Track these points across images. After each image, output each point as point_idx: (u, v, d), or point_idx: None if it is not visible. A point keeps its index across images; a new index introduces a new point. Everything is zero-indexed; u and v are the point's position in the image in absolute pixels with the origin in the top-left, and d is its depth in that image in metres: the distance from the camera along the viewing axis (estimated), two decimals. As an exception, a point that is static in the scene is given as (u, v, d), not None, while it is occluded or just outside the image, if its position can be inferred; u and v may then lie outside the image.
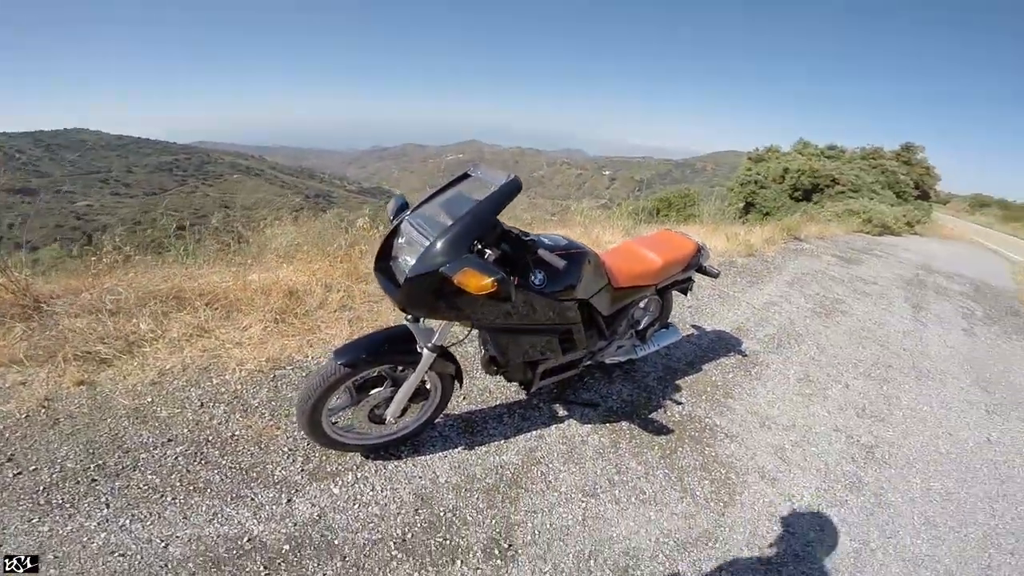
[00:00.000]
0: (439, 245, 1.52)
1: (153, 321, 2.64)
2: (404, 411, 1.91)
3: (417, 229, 1.68)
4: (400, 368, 1.85)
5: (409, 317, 1.82)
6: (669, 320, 2.99)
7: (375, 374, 1.84)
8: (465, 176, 1.89)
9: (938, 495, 2.48)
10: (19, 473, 1.74)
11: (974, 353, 4.65)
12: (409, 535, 1.71)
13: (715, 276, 2.96)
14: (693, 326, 3.88)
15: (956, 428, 3.15)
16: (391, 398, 1.85)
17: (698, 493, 2.16)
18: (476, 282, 1.43)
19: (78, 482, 1.72)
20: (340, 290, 3.29)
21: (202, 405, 2.15)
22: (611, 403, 2.65)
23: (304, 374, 2.45)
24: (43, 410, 2.01)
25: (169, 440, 1.93)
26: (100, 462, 1.81)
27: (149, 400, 2.13)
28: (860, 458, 2.64)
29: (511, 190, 1.62)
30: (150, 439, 1.93)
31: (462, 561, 1.67)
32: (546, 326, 1.94)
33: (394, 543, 1.68)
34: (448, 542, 1.72)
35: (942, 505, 2.41)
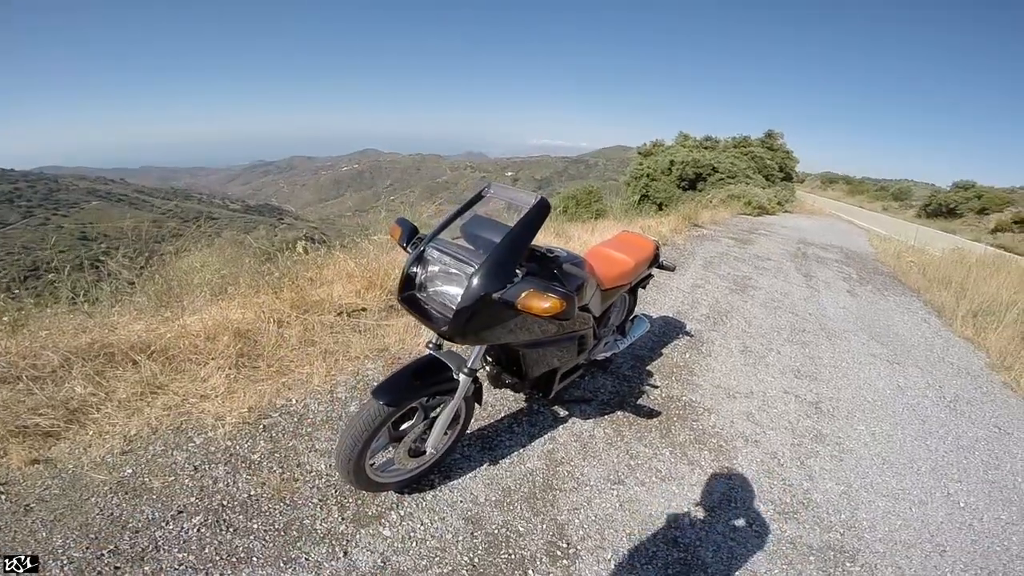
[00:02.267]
0: (485, 272, 1.51)
1: (90, 383, 2.29)
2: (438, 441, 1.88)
3: (451, 256, 1.66)
4: (428, 399, 1.82)
5: (432, 345, 1.80)
6: (635, 314, 3.23)
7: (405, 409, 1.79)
8: (479, 197, 1.89)
9: (882, 438, 2.94)
10: (30, 570, 1.46)
11: (861, 311, 5.52)
12: (476, 559, 1.71)
13: (672, 270, 3.25)
14: (643, 315, 4.19)
15: (871, 379, 3.74)
16: (426, 430, 1.82)
17: (703, 463, 2.40)
18: (540, 304, 1.44)
19: (100, 572, 1.48)
20: (294, 324, 3.06)
21: (196, 469, 1.92)
22: (601, 396, 2.81)
23: (295, 419, 2.28)
24: (2, 496, 1.69)
25: (180, 512, 1.72)
26: (112, 547, 1.56)
27: (130, 472, 1.87)
28: (812, 414, 3.06)
29: (541, 211, 1.65)
30: (156, 514, 1.70)
31: (532, 569, 1.71)
32: (570, 334, 2.03)
33: (466, 571, 1.67)
34: (513, 556, 1.75)
35: (888, 446, 2.87)
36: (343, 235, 4.67)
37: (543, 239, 6.30)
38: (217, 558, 1.58)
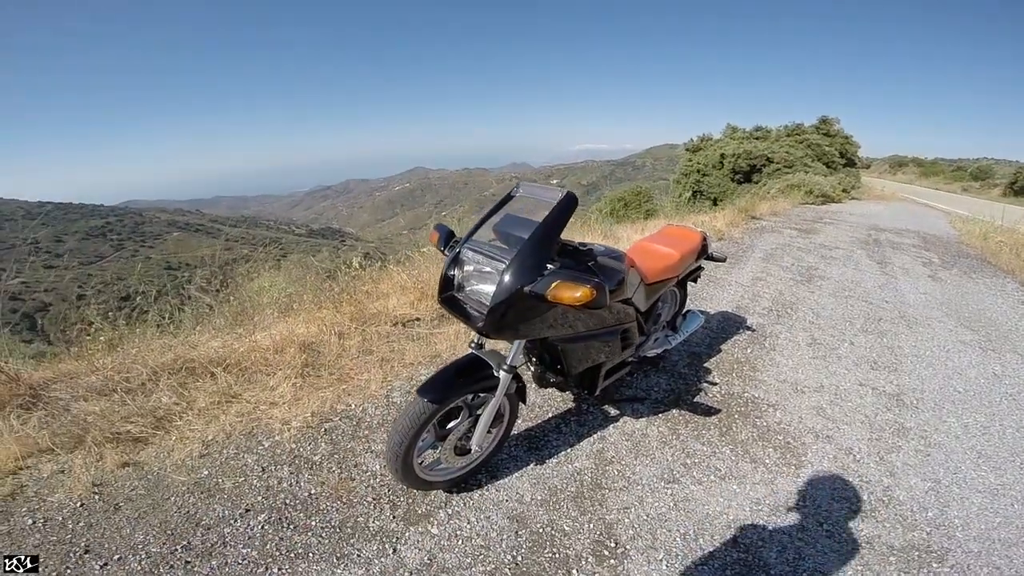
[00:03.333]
0: (516, 268, 1.54)
1: (174, 394, 2.51)
2: (483, 439, 1.89)
3: (484, 255, 1.70)
4: (472, 397, 1.85)
5: (474, 344, 1.83)
6: (687, 308, 3.11)
7: (450, 407, 1.82)
8: (509, 197, 1.92)
9: (977, 431, 2.65)
10: (105, 564, 1.61)
11: (946, 296, 5.03)
12: (519, 558, 1.70)
13: (723, 260, 3.12)
14: (699, 311, 4.03)
15: (962, 367, 3.39)
16: (470, 428, 1.84)
17: (768, 462, 2.25)
18: (570, 294, 1.45)
19: (172, 566, 1.61)
20: (354, 335, 3.22)
21: (264, 470, 2.05)
22: (655, 395, 2.72)
23: (354, 423, 2.38)
24: (97, 496, 1.88)
25: (247, 510, 1.84)
26: (185, 542, 1.70)
27: (206, 473, 2.02)
28: (893, 406, 2.81)
29: (568, 205, 1.66)
30: (225, 512, 1.82)
31: (577, 569, 1.67)
32: (611, 328, 2.00)
33: (509, 569, 1.66)
34: (558, 555, 1.72)
35: (985, 439, 2.58)
36: (397, 251, 4.88)
37: (590, 240, 6.25)
38: (277, 553, 1.67)
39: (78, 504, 1.84)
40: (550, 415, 2.49)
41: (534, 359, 2.16)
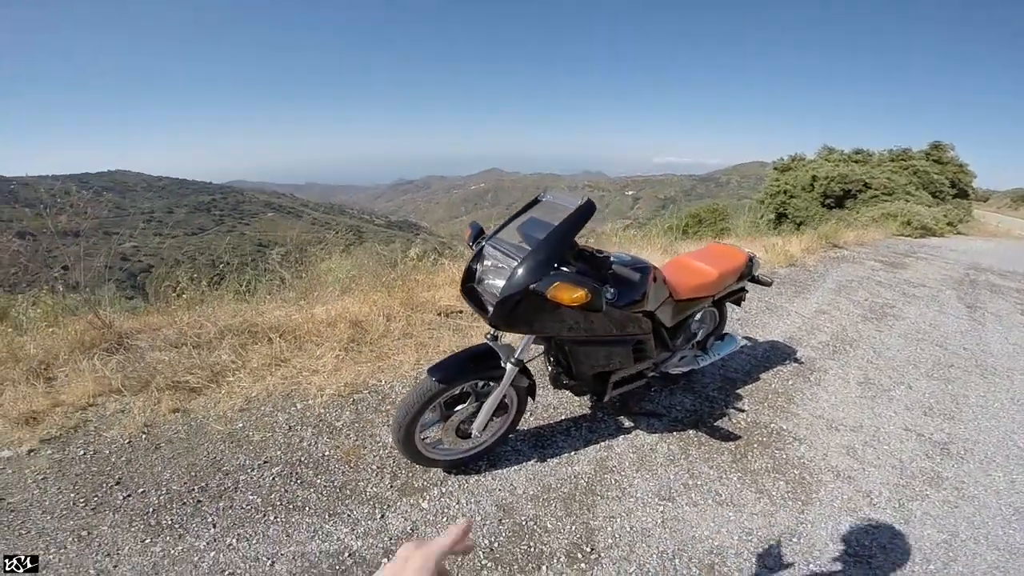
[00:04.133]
0: (525, 266, 1.63)
1: (233, 353, 2.82)
2: (485, 426, 1.99)
3: (502, 252, 1.81)
4: (483, 384, 1.96)
5: (490, 336, 1.94)
6: (725, 331, 3.02)
7: (459, 391, 1.94)
8: (536, 201, 2.02)
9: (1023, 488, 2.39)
10: (129, 496, 1.88)
11: (1041, 349, 4.46)
12: (496, 544, 1.78)
13: (768, 285, 3.00)
14: (746, 337, 3.87)
15: (1031, 425, 3.02)
16: (475, 413, 1.95)
17: (774, 493, 2.17)
18: (568, 295, 1.54)
19: (184, 503, 1.85)
20: (400, 319, 3.44)
21: (291, 429, 2.28)
22: (675, 413, 2.68)
23: (380, 397, 2.58)
24: (144, 436, 2.18)
25: (265, 462, 2.07)
26: (203, 484, 1.94)
27: (241, 425, 2.28)
28: (935, 454, 2.58)
29: (586, 211, 1.73)
30: (247, 461, 2.06)
31: (547, 566, 1.72)
32: (621, 337, 2.03)
33: (483, 552, 1.74)
34: (533, 549, 1.78)
35: None
36: (455, 248, 5.11)
37: (648, 254, 6.16)
38: (278, 503, 1.87)
39: (126, 441, 2.15)
40: (563, 417, 2.54)
41: (552, 359, 2.23)
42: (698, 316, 2.73)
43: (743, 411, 2.79)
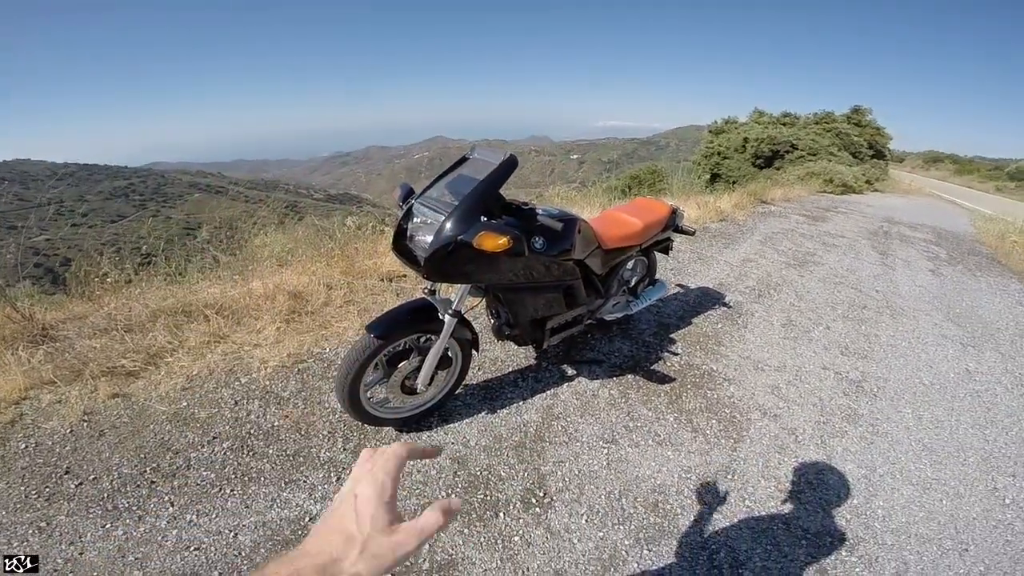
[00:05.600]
0: (453, 219, 1.68)
1: (168, 333, 2.70)
2: (431, 381, 2.04)
3: (430, 208, 1.84)
4: (424, 339, 2.00)
5: (427, 289, 1.98)
6: (656, 278, 3.21)
7: (401, 347, 1.98)
8: (463, 160, 2.04)
9: (929, 423, 2.70)
10: (80, 483, 1.81)
11: (942, 291, 5.01)
12: (452, 496, 1.86)
13: (691, 233, 3.19)
14: (679, 285, 4.11)
15: (934, 361, 3.43)
16: (418, 368, 1.99)
17: (708, 432, 2.37)
18: (492, 242, 1.63)
19: (139, 485, 1.81)
20: (342, 287, 3.39)
21: (236, 403, 2.24)
22: (614, 359, 2.84)
23: (326, 364, 2.57)
24: (85, 424, 2.09)
25: (214, 438, 2.03)
26: (154, 465, 1.90)
27: (185, 404, 2.22)
28: (851, 392, 2.88)
29: (508, 166, 1.80)
30: (195, 439, 2.02)
31: (504, 513, 1.82)
32: (551, 284, 2.14)
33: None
34: (489, 498, 1.87)
35: (935, 432, 2.63)
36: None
37: (588, 213, 6.30)
38: (233, 476, 1.86)
39: (68, 431, 2.04)
40: (509, 370, 2.64)
41: (492, 312, 2.31)
42: (628, 265, 2.89)
43: (677, 354, 3.00)
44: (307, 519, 1.73)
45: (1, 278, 2.84)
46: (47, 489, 1.78)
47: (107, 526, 1.66)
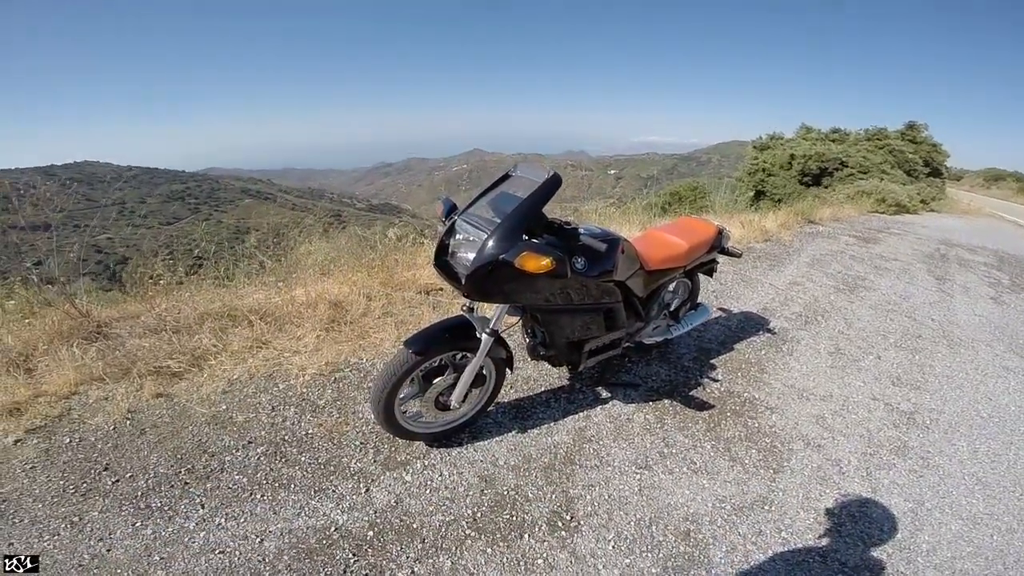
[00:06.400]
0: (495, 237, 1.68)
1: (214, 336, 2.81)
2: (464, 397, 2.04)
3: (473, 226, 1.84)
4: (460, 356, 2.00)
5: (466, 307, 1.98)
6: (699, 301, 3.10)
7: (437, 364, 1.98)
8: (507, 176, 2.04)
9: (986, 457, 2.52)
10: (117, 481, 1.89)
11: (1005, 320, 4.66)
12: (479, 514, 1.84)
13: (738, 256, 3.08)
14: (721, 309, 3.97)
15: (995, 393, 3.19)
16: (453, 385, 1.99)
17: (747, 461, 2.26)
18: (535, 263, 1.61)
19: (172, 486, 1.87)
20: (380, 298, 3.45)
21: (274, 409, 2.30)
22: (652, 383, 2.76)
23: (362, 375, 2.60)
24: (128, 422, 2.18)
25: (249, 442, 2.08)
26: (189, 466, 1.96)
27: (224, 407, 2.29)
28: (902, 424, 2.71)
29: (552, 185, 1.78)
30: (231, 443, 2.08)
31: (529, 535, 1.78)
32: (591, 306, 2.10)
33: (466, 523, 1.80)
34: (515, 518, 1.84)
35: (991, 466, 2.45)
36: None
37: (627, 231, 6.22)
38: (264, 482, 1.90)
39: (111, 428, 2.14)
40: (542, 389, 2.60)
41: (528, 331, 2.29)
42: (671, 287, 2.81)
43: (717, 381, 2.89)
44: (333, 529, 1.74)
45: (63, 275, 3.02)
46: (84, 485, 1.86)
47: (137, 524, 1.71)
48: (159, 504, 1.80)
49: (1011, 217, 16.21)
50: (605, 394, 2.62)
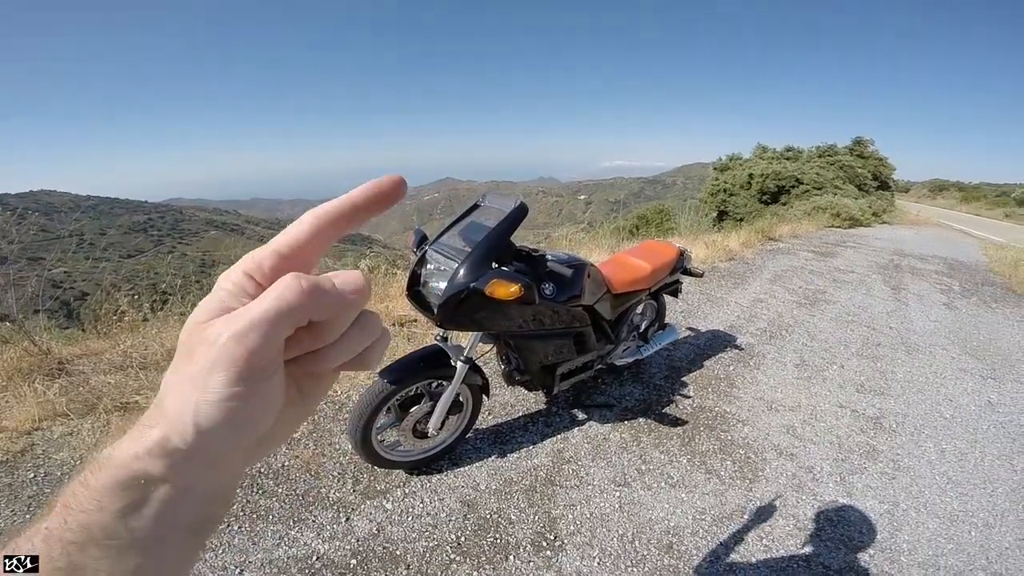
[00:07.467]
0: (465, 266, 1.72)
1: (182, 373, 2.74)
2: (442, 425, 2.04)
3: (443, 255, 1.87)
4: (436, 384, 2.01)
5: (439, 336, 2.00)
6: (666, 322, 3.20)
7: (413, 392, 1.99)
8: (476, 206, 2.09)
9: (953, 456, 2.64)
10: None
11: (958, 324, 4.94)
12: (463, 539, 1.83)
13: (700, 276, 3.20)
14: (689, 328, 4.09)
15: (954, 395, 3.36)
16: (430, 413, 2.00)
17: (723, 473, 2.31)
18: (504, 290, 1.64)
19: None
20: (353, 330, 3.43)
21: (247, 442, 2.25)
22: (625, 403, 2.81)
23: (337, 407, 2.57)
24: None
25: (223, 476, 2.03)
26: None
27: (195, 443, 2.23)
28: (869, 429, 2.82)
29: (519, 214, 1.83)
30: (206, 477, 2.02)
31: (515, 556, 1.78)
32: (561, 330, 2.14)
33: (450, 547, 1.79)
34: (499, 541, 1.84)
35: (960, 465, 2.57)
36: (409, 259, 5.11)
37: (596, 256, 6.36)
38: (241, 514, 1.85)
39: (77, 462, 2.06)
40: (520, 414, 2.62)
41: (503, 358, 2.31)
42: (638, 309, 2.89)
43: (689, 397, 2.96)
44: (314, 558, 1.70)
45: (19, 310, 2.91)
46: (54, 523, 1.78)
47: (111, 559, 1.64)
48: (131, 539, 1.73)
49: (957, 226, 17.28)
50: (581, 416, 2.65)
